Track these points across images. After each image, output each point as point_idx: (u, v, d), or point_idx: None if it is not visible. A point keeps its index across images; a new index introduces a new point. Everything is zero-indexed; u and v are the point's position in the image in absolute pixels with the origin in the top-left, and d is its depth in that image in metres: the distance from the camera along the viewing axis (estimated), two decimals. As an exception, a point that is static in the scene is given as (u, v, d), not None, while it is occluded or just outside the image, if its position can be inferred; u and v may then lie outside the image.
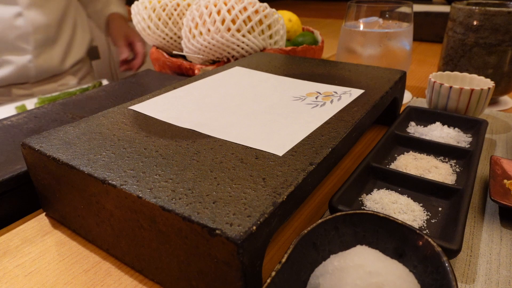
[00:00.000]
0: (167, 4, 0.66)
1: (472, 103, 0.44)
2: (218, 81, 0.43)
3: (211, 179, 0.25)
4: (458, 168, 0.36)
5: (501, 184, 0.33)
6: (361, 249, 0.22)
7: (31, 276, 0.27)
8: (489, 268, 0.27)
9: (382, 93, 0.39)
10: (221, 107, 0.36)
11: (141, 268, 0.27)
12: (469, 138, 0.40)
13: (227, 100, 0.37)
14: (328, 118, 0.33)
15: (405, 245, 0.23)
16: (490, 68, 0.53)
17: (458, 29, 0.54)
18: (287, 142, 0.29)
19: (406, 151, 0.39)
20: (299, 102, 0.36)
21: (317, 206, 0.34)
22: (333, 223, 0.24)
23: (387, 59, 0.54)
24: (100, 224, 0.28)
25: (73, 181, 0.27)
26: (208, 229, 0.21)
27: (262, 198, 0.23)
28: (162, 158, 0.27)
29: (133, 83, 0.57)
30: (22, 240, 0.31)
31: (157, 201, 0.23)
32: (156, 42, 0.70)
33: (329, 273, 0.21)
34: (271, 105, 0.36)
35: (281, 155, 0.27)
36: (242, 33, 0.58)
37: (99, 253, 0.29)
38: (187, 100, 0.38)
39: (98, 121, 0.34)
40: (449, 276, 0.20)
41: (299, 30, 0.79)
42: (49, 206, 0.32)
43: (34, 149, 0.29)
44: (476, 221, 0.31)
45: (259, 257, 0.22)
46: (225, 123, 0.32)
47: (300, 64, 0.49)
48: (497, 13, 0.50)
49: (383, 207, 0.30)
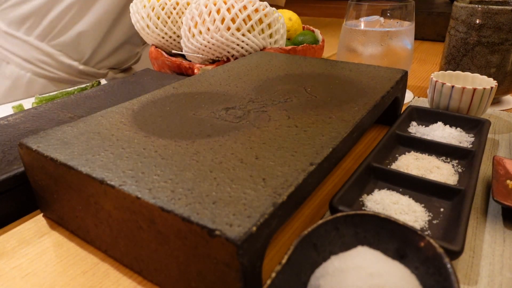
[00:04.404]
0: (166, 3, 0.66)
1: (474, 102, 0.44)
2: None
3: (210, 180, 0.24)
4: (460, 168, 0.35)
5: (503, 184, 0.33)
6: (362, 250, 0.22)
7: (28, 278, 0.27)
8: (492, 269, 0.26)
9: (383, 92, 0.39)
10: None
11: (140, 269, 0.26)
12: (471, 138, 0.40)
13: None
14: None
15: (407, 246, 0.23)
16: (492, 67, 0.52)
17: (461, 27, 0.53)
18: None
19: (408, 151, 0.39)
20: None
21: (317, 206, 0.34)
22: (333, 223, 0.24)
23: (388, 58, 0.53)
24: (99, 225, 0.27)
25: (71, 181, 0.27)
26: (207, 230, 0.20)
27: (262, 198, 0.22)
28: (161, 158, 0.27)
29: (132, 83, 0.56)
30: (19, 241, 0.30)
31: (156, 201, 0.23)
32: (155, 41, 0.70)
33: (329, 274, 0.21)
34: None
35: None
36: (242, 32, 0.58)
37: (97, 254, 0.29)
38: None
39: (96, 121, 0.33)
40: (451, 277, 0.20)
41: (300, 29, 0.79)
42: (46, 207, 0.32)
43: (32, 149, 0.29)
44: (479, 222, 0.31)
45: (259, 258, 0.21)
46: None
47: (300, 64, 0.49)
48: (500, 11, 0.49)
49: (384, 208, 0.30)
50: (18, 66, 0.78)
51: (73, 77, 0.82)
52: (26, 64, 0.77)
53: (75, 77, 0.82)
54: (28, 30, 0.76)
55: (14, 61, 0.77)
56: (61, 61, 0.79)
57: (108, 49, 0.84)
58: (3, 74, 0.78)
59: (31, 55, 0.77)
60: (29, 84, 0.79)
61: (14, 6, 0.75)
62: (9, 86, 0.78)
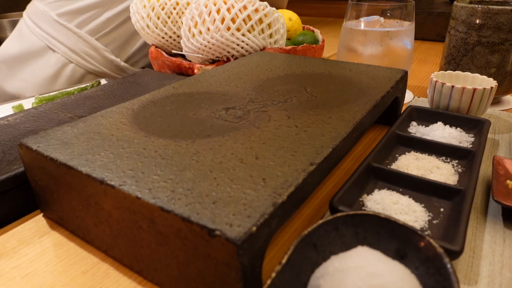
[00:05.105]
0: (166, 3, 0.66)
1: (474, 102, 0.44)
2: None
3: (210, 180, 0.24)
4: (460, 168, 0.35)
5: (503, 184, 0.33)
6: (362, 250, 0.22)
7: (28, 278, 0.27)
8: (492, 269, 0.26)
9: (383, 92, 0.39)
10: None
11: (140, 269, 0.26)
12: (471, 138, 0.40)
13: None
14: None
15: (407, 246, 0.23)
16: (492, 67, 0.52)
17: (461, 27, 0.53)
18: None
19: (408, 151, 0.39)
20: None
21: (317, 206, 0.34)
22: (333, 223, 0.24)
23: (388, 58, 0.53)
24: (99, 225, 0.27)
25: (71, 181, 0.27)
26: (207, 230, 0.20)
27: (262, 198, 0.22)
28: (161, 158, 0.27)
29: (132, 83, 0.56)
30: (19, 241, 0.30)
31: (156, 201, 0.23)
32: (155, 41, 0.70)
33: (329, 274, 0.21)
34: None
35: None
36: (242, 32, 0.58)
37: (97, 254, 0.29)
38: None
39: (96, 121, 0.33)
40: (451, 277, 0.20)
41: (300, 29, 0.79)
42: (46, 207, 0.32)
43: (32, 149, 0.29)
44: (479, 222, 0.31)
45: (259, 258, 0.21)
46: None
47: (300, 64, 0.49)
48: (500, 11, 0.49)
49: (384, 208, 0.30)
50: (64, 55, 0.80)
51: (112, 72, 0.85)
52: (72, 54, 0.80)
53: (113, 72, 0.86)
54: (81, 24, 0.79)
55: (61, 50, 0.80)
56: (106, 56, 0.82)
57: (146, 50, 0.88)
58: (48, 62, 0.81)
59: (78, 46, 0.80)
60: (71, 74, 0.82)
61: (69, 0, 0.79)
62: (53, 73, 0.81)
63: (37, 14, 0.80)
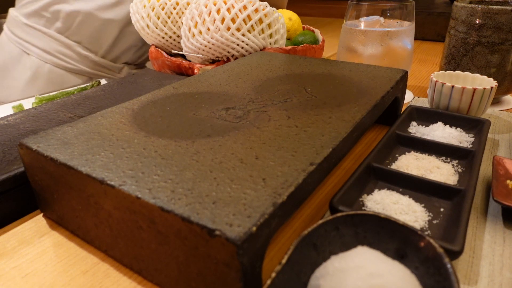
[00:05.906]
0: (166, 3, 0.66)
1: (474, 102, 0.44)
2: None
3: (210, 180, 0.24)
4: (460, 168, 0.35)
5: (503, 184, 0.33)
6: (362, 250, 0.22)
7: (28, 278, 0.27)
8: (492, 269, 0.26)
9: (383, 92, 0.39)
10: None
11: (140, 269, 0.26)
12: (471, 138, 0.40)
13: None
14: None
15: (407, 246, 0.23)
16: (492, 67, 0.52)
17: (461, 27, 0.53)
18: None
19: (408, 151, 0.39)
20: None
21: (317, 206, 0.34)
22: (333, 223, 0.24)
23: (388, 58, 0.53)
24: (99, 225, 0.27)
25: (71, 181, 0.27)
26: (207, 230, 0.20)
27: (262, 198, 0.22)
28: (161, 158, 0.27)
29: (132, 83, 0.56)
30: (19, 241, 0.30)
31: (156, 201, 0.23)
32: (155, 41, 0.70)
33: (329, 274, 0.21)
34: None
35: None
36: (242, 32, 0.58)
37: (97, 254, 0.29)
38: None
39: (96, 121, 0.33)
40: (451, 277, 0.20)
41: (300, 29, 0.79)
42: (46, 207, 0.32)
43: (32, 149, 0.29)
44: (479, 222, 0.31)
45: (259, 258, 0.21)
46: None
47: (300, 64, 0.49)
48: (500, 11, 0.49)
49: (384, 208, 0.30)
50: (38, 57, 0.81)
51: (91, 69, 0.85)
52: (46, 55, 0.80)
53: (93, 69, 0.85)
54: (48, 23, 0.79)
55: (35, 52, 0.80)
56: (79, 52, 0.82)
57: (125, 44, 0.87)
58: (24, 65, 0.81)
59: (51, 46, 0.80)
60: (49, 75, 0.82)
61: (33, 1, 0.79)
62: (30, 76, 0.81)
63: (11, 21, 0.82)
